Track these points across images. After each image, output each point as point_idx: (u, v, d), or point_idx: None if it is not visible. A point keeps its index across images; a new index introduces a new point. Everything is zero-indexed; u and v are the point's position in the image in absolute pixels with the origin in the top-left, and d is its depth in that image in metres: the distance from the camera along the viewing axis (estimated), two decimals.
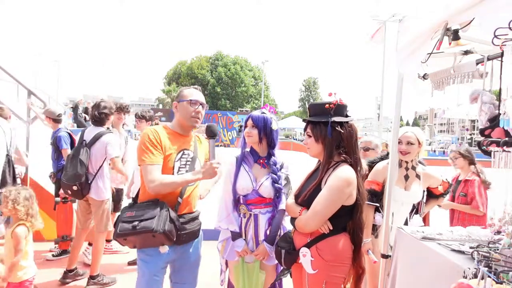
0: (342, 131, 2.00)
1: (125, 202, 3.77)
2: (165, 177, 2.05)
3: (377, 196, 2.77)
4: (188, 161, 2.19)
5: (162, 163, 2.07)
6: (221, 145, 24.26)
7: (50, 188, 4.76)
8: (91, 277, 3.69)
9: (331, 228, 1.96)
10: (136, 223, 1.94)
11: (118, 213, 2.73)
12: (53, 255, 4.42)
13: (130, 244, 2.05)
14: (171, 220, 2.01)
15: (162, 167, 2.07)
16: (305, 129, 2.16)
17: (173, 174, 2.12)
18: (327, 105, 2.02)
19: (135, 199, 2.24)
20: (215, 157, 2.14)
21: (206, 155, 2.33)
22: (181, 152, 2.17)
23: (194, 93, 2.21)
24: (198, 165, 2.23)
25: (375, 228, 2.83)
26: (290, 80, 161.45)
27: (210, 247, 2.75)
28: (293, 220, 2.09)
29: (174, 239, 2.03)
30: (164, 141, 2.10)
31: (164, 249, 2.07)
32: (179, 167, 2.15)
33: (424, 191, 2.86)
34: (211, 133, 2.18)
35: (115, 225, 2.06)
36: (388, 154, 3.02)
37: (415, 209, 2.83)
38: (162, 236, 1.95)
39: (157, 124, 3.34)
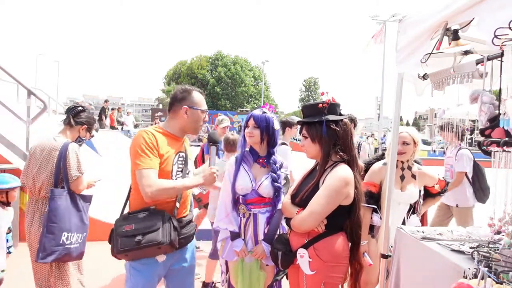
0: (338, 129, 2.01)
1: None
2: (164, 182, 1.94)
3: (374, 198, 2.75)
4: (183, 163, 2.14)
5: (158, 168, 1.96)
6: None
7: None
8: None
9: (323, 229, 1.95)
10: (139, 237, 1.84)
11: None
12: None
13: (129, 258, 1.94)
14: (175, 228, 1.96)
15: (160, 171, 1.96)
16: (300, 131, 2.16)
17: (171, 177, 2.03)
18: (320, 105, 2.04)
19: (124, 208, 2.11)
20: (215, 164, 2.19)
21: (191, 155, 2.33)
22: (177, 155, 2.10)
23: (204, 102, 2.21)
24: (190, 166, 2.21)
25: (372, 228, 2.81)
26: (290, 80, 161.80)
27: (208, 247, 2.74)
28: (288, 220, 2.08)
29: (178, 246, 1.99)
30: (161, 145, 2.00)
31: (162, 257, 2.00)
32: (177, 171, 2.08)
33: (420, 190, 2.85)
34: (213, 141, 2.29)
35: (111, 240, 1.94)
36: (383, 154, 3.02)
37: (412, 209, 2.82)
38: (167, 246, 1.90)
39: (157, 123, 3.32)
